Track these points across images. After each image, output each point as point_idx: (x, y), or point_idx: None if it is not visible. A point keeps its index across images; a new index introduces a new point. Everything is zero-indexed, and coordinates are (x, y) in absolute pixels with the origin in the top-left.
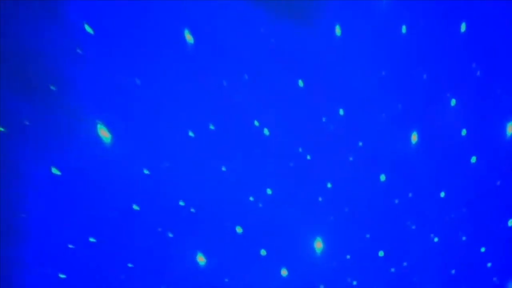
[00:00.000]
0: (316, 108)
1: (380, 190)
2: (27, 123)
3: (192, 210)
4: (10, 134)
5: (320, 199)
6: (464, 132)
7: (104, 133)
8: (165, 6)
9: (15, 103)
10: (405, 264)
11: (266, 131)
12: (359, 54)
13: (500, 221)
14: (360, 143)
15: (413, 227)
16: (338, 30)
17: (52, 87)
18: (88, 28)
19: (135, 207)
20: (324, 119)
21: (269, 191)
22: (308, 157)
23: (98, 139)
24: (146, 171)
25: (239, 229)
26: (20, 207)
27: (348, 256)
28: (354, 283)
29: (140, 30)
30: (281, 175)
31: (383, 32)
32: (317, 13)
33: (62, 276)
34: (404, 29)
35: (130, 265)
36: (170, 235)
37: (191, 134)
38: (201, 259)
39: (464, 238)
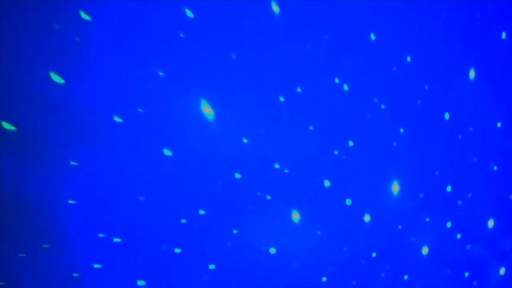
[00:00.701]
0: (386, 58)
1: (445, 128)
2: (140, 110)
3: (286, 171)
4: (127, 124)
5: (394, 144)
6: None
7: (207, 110)
8: None
9: (130, 95)
10: (469, 195)
11: (345, 87)
12: (421, 2)
13: None
14: (426, 86)
15: (475, 159)
16: None
17: (161, 73)
18: (188, 13)
19: (237, 175)
20: (394, 68)
21: (350, 143)
22: (383, 106)
23: (202, 116)
24: (245, 140)
25: (327, 183)
26: (138, 190)
27: (421, 195)
28: (427, 219)
29: (232, 8)
30: (360, 126)
31: None
32: None
33: (177, 250)
34: None
35: (235, 231)
36: (268, 197)
37: (282, 99)
38: (295, 216)
39: None
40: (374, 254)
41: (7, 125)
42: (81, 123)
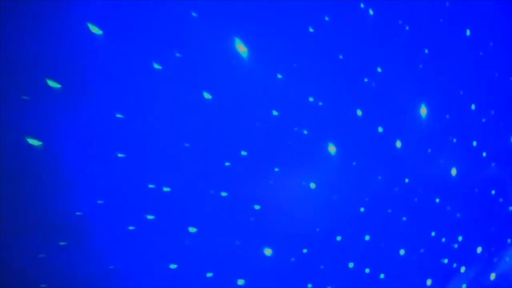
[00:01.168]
0: None
1: (467, 45)
2: (178, 55)
3: (320, 103)
4: (166, 70)
5: (420, 66)
6: None
7: (241, 48)
8: None
9: (167, 39)
10: (492, 112)
11: (370, 11)
12: None
13: None
14: (447, 3)
15: (496, 74)
16: None
17: (194, 14)
18: None
19: (274, 112)
20: None
21: (379, 69)
22: (407, 28)
23: (237, 55)
24: (279, 76)
25: (359, 112)
26: (182, 137)
27: (447, 116)
28: (454, 140)
29: None
30: (387, 51)
31: None
32: None
33: (223, 194)
34: None
35: (276, 169)
36: (305, 132)
37: (311, 30)
38: (332, 149)
39: None
40: (407, 180)
41: (52, 83)
42: (121, 73)
